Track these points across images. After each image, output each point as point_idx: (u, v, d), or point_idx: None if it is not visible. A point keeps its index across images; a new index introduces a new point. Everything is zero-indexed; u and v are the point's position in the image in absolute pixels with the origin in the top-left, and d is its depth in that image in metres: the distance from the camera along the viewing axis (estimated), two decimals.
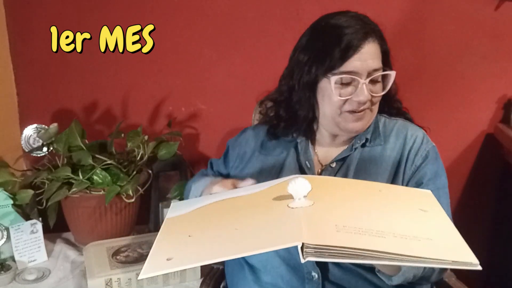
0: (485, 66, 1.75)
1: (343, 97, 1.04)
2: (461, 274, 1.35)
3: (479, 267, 0.71)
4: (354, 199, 0.89)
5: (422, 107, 1.75)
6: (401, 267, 0.94)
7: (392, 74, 1.07)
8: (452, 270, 1.36)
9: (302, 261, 0.69)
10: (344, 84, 1.04)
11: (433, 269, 1.00)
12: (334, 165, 1.11)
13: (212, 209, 0.92)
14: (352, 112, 1.05)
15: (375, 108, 1.10)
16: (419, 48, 1.74)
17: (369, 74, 1.03)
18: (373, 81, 1.05)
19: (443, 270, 1.05)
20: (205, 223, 0.87)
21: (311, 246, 0.70)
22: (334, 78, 1.03)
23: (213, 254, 0.75)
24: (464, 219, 0.85)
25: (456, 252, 0.74)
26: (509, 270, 1.77)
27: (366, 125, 1.09)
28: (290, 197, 0.84)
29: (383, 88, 1.07)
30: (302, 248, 0.70)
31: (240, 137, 1.26)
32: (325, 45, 1.04)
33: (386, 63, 1.09)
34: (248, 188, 0.97)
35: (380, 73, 1.05)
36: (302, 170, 1.12)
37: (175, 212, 0.95)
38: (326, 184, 0.94)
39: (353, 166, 1.10)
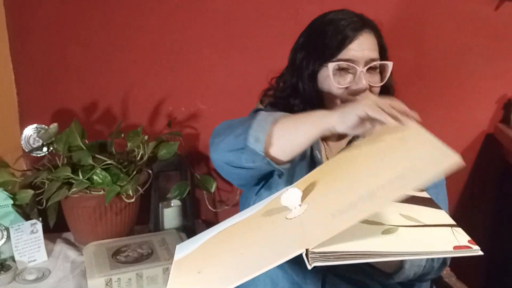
0: (485, 66, 1.75)
1: (341, 85, 1.06)
2: (461, 274, 1.35)
3: (480, 253, 0.73)
4: (340, 177, 0.89)
5: (422, 107, 1.74)
6: (403, 265, 0.94)
7: (390, 64, 1.09)
8: (452, 270, 1.36)
9: (309, 267, 0.70)
10: (342, 74, 1.07)
11: (432, 266, 1.02)
12: None
13: (214, 242, 0.93)
14: (352, 101, 1.06)
15: None
16: (419, 48, 1.74)
17: (366, 63, 1.06)
18: (371, 72, 1.08)
19: (442, 266, 1.07)
20: (211, 256, 0.88)
21: (316, 252, 0.71)
22: (332, 65, 1.06)
23: (224, 284, 0.75)
24: (464, 219, 0.86)
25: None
26: (509, 270, 1.77)
27: None
28: (286, 209, 0.85)
29: (381, 80, 1.10)
30: (307, 254, 0.71)
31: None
32: (323, 37, 1.08)
33: (384, 58, 1.11)
34: (243, 212, 0.98)
35: (378, 62, 1.08)
36: (312, 158, 1.14)
37: (180, 253, 0.96)
38: (313, 178, 0.94)
39: None
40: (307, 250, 0.71)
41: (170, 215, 1.63)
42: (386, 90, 1.17)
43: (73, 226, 1.55)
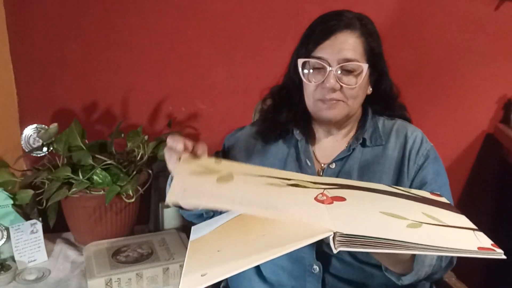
0: (485, 66, 1.75)
1: (312, 83, 1.07)
2: (461, 274, 1.36)
3: (504, 257, 0.73)
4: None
5: (422, 107, 1.76)
6: (414, 266, 0.94)
7: (364, 66, 1.06)
8: (452, 270, 1.36)
9: (335, 251, 0.71)
10: (316, 71, 1.07)
11: (440, 265, 1.01)
12: (333, 166, 1.12)
13: (233, 224, 0.92)
14: (323, 101, 1.07)
15: (353, 103, 1.09)
16: (419, 48, 1.74)
17: (339, 63, 1.04)
18: (346, 73, 1.06)
19: (449, 266, 1.06)
20: (231, 237, 0.88)
21: (344, 234, 0.71)
22: (300, 61, 1.07)
23: (246, 261, 0.75)
24: None
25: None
26: (509, 270, 1.77)
27: (338, 115, 1.09)
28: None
29: (357, 82, 1.06)
30: (334, 238, 0.71)
31: (238, 132, 1.27)
32: (308, 32, 1.10)
33: (374, 62, 1.09)
34: None
35: (349, 63, 1.04)
36: (302, 169, 1.13)
37: (197, 234, 0.96)
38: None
39: (356, 166, 1.11)
40: (334, 233, 0.71)
41: (170, 215, 1.63)
42: (381, 95, 1.16)
43: (73, 226, 1.55)
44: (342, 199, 0.86)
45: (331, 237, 0.71)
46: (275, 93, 1.21)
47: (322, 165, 1.14)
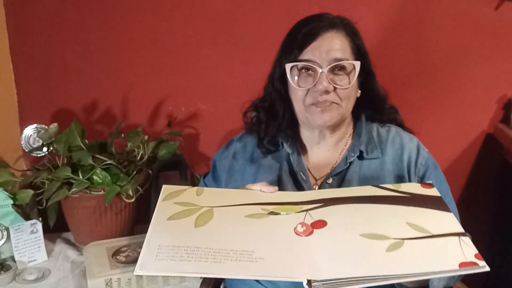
0: (485, 66, 1.74)
1: (302, 87, 1.03)
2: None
3: (487, 269, 0.72)
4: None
5: (422, 107, 1.75)
6: (432, 281, 0.92)
7: (356, 64, 1.03)
8: None
9: None
10: (305, 75, 1.04)
11: (453, 276, 0.99)
12: (331, 181, 1.08)
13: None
14: (316, 104, 1.03)
15: (346, 104, 1.06)
16: (419, 48, 1.73)
17: (329, 64, 1.01)
18: (337, 73, 1.03)
19: (462, 275, 1.06)
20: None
21: (318, 280, 0.71)
22: (289, 66, 1.04)
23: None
24: (464, 219, 0.86)
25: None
26: (509, 270, 1.77)
27: (334, 118, 1.05)
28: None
29: (350, 82, 1.04)
30: (309, 282, 0.72)
31: (226, 150, 1.21)
32: (290, 38, 1.07)
33: (362, 61, 1.06)
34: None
35: (340, 62, 1.02)
36: (297, 183, 1.09)
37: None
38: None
39: (355, 183, 1.06)
40: (309, 280, 0.72)
41: None
42: (371, 97, 1.12)
43: (73, 226, 1.55)
44: (323, 224, 0.84)
45: (305, 283, 0.72)
46: (257, 106, 1.17)
47: (317, 179, 1.10)
